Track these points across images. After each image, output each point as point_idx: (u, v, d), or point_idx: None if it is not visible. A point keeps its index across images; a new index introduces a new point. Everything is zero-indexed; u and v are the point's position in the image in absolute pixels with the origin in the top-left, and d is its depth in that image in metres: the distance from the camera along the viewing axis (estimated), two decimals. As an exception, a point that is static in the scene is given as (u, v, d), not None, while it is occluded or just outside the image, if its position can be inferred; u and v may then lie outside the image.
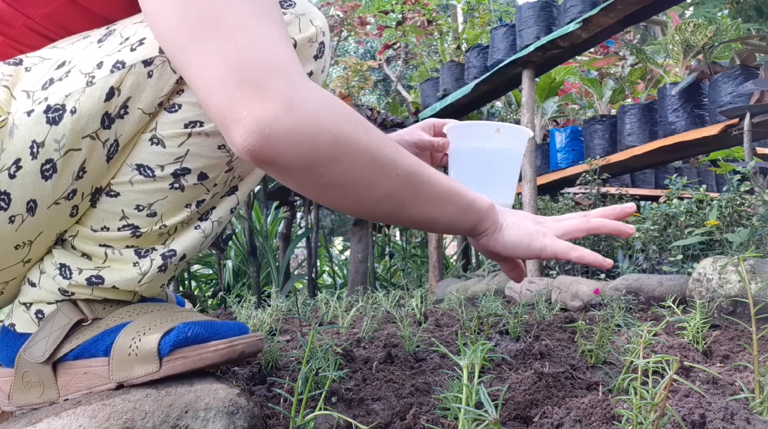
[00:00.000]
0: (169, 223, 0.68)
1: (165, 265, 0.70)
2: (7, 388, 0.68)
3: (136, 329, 0.67)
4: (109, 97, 0.62)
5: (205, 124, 0.64)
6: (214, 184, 0.69)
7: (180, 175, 0.66)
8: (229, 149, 0.66)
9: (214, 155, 0.67)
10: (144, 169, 0.65)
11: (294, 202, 3.77)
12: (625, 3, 2.23)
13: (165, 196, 0.67)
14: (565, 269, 2.54)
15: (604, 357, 1.06)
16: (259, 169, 0.75)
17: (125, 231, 0.67)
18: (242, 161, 0.70)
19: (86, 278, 0.67)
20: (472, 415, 0.53)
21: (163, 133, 0.64)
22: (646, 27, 6.32)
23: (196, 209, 0.70)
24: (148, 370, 0.65)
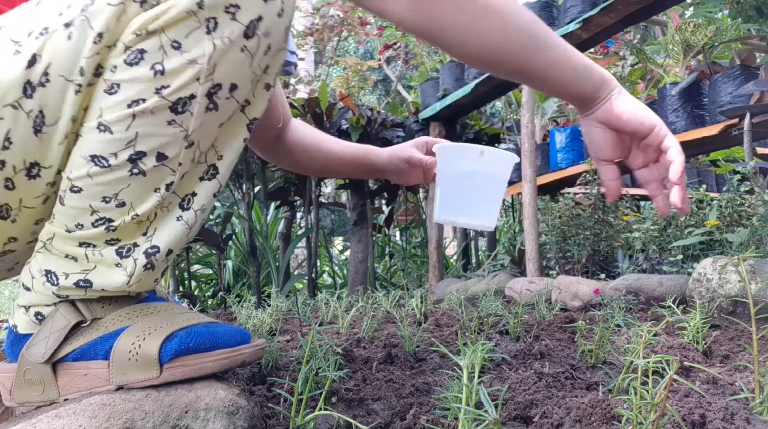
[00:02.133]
0: (141, 212, 0.66)
1: (150, 263, 0.68)
2: (8, 384, 0.68)
3: (136, 333, 0.66)
4: (31, 64, 0.60)
5: (148, 100, 0.61)
6: (178, 164, 0.66)
7: (136, 160, 0.63)
8: (182, 122, 0.63)
9: (165, 133, 0.63)
10: (98, 159, 0.63)
11: (294, 202, 3.77)
12: (625, 3, 2.23)
13: (128, 184, 0.64)
14: (565, 269, 2.54)
15: (604, 357, 1.06)
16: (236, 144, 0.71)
17: (99, 226, 0.65)
18: (206, 133, 0.66)
19: (74, 282, 0.66)
20: (472, 415, 0.53)
21: (108, 119, 0.62)
22: (646, 27, 6.32)
23: (167, 193, 0.67)
24: (147, 376, 0.65)
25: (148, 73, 0.61)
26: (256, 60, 0.66)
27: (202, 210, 0.71)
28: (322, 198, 4.37)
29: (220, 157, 0.70)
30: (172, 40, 0.61)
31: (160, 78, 0.61)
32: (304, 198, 3.53)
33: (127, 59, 0.61)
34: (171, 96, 0.62)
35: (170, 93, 0.62)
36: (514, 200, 4.32)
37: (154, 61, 0.61)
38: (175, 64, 0.61)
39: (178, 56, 0.61)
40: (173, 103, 0.62)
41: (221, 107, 0.66)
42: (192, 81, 0.62)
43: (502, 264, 3.03)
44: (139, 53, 0.61)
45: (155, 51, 0.61)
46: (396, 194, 3.85)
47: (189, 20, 0.61)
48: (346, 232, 5.80)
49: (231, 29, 0.63)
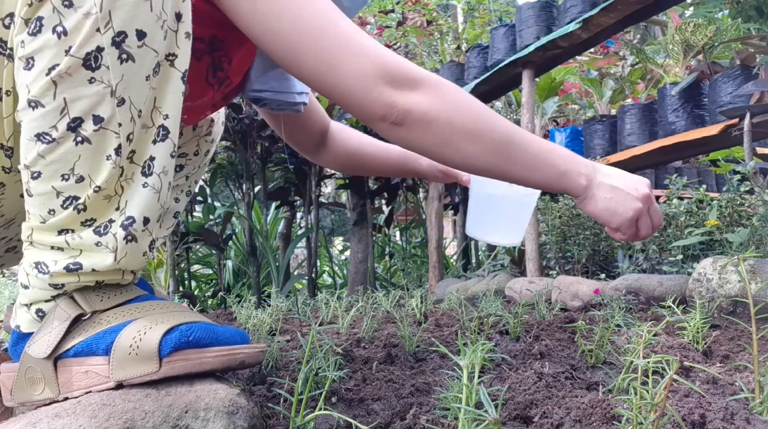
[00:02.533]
0: (100, 182, 0.66)
1: (130, 235, 0.69)
2: (9, 384, 0.68)
3: (137, 328, 0.67)
4: None
5: (61, 63, 0.62)
6: (118, 125, 0.66)
7: (76, 128, 0.64)
8: (101, 78, 0.64)
9: (90, 92, 0.64)
10: (42, 136, 0.64)
11: (294, 202, 3.77)
12: (625, 3, 2.23)
13: (78, 155, 0.65)
14: (565, 269, 2.54)
15: (604, 357, 1.06)
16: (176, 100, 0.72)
17: (69, 207, 0.66)
18: (134, 88, 0.67)
19: (63, 267, 0.67)
20: (472, 415, 0.53)
21: (34, 93, 0.63)
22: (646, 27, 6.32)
23: (119, 158, 0.67)
24: (147, 370, 0.65)
25: (52, 37, 0.62)
26: (157, 3, 0.66)
27: (165, 172, 0.72)
28: (322, 198, 4.37)
29: (166, 117, 0.71)
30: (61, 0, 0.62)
31: (64, 39, 0.62)
32: (304, 198, 3.53)
33: (29, 31, 0.63)
34: (79, 53, 0.63)
35: (77, 50, 0.63)
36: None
37: (54, 24, 0.62)
38: (73, 22, 0.62)
39: (73, 13, 0.62)
40: (84, 59, 0.63)
41: (136, 57, 0.66)
42: (93, 33, 0.63)
43: (502, 264, 3.03)
44: (38, 21, 0.62)
45: (51, 14, 0.62)
46: (396, 194, 3.85)
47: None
48: (346, 232, 5.80)
49: None
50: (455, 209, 4.13)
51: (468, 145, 0.80)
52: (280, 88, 0.98)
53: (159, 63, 0.68)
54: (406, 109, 0.78)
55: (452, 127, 0.79)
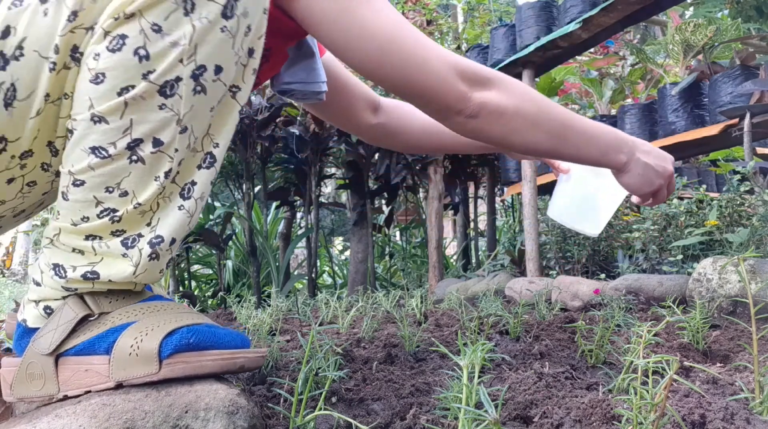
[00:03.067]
0: (142, 200, 0.67)
1: (155, 253, 0.69)
2: (10, 379, 0.68)
3: (139, 329, 0.67)
4: (5, 35, 0.60)
5: (137, 86, 0.62)
6: (174, 150, 0.67)
7: (134, 147, 0.64)
8: (172, 106, 0.64)
9: (157, 118, 0.64)
10: (98, 150, 0.64)
11: (294, 202, 3.77)
12: (625, 3, 2.23)
13: (129, 173, 0.65)
14: (565, 269, 2.54)
15: (604, 357, 1.06)
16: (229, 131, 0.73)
17: (104, 217, 0.66)
18: (198, 118, 0.68)
19: (81, 274, 0.67)
20: (472, 415, 0.53)
21: (100, 109, 0.62)
22: (646, 27, 6.32)
23: (166, 180, 0.68)
24: (147, 371, 0.65)
25: (132, 58, 0.62)
26: (238, 41, 0.67)
27: (201, 198, 0.72)
28: (322, 198, 4.37)
29: (216, 145, 0.71)
30: (151, 23, 0.61)
31: (145, 63, 0.62)
32: (304, 198, 3.52)
33: (109, 46, 0.61)
34: (158, 80, 0.63)
35: (157, 77, 0.63)
36: (514, 200, 4.32)
37: (137, 46, 0.61)
38: (158, 48, 0.62)
39: (160, 39, 0.62)
40: (161, 86, 0.63)
41: (209, 90, 0.67)
42: (176, 63, 0.63)
43: (502, 264, 3.03)
44: (120, 39, 0.61)
45: (136, 35, 0.61)
46: (396, 194, 3.85)
47: (166, 2, 0.62)
48: (346, 232, 5.80)
49: (209, 9, 0.64)
50: (455, 209, 4.13)
51: (533, 131, 0.89)
52: (308, 78, 0.99)
53: (224, 94, 0.69)
54: (481, 102, 0.84)
55: (519, 116, 0.87)
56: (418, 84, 0.82)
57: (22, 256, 10.39)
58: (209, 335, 0.69)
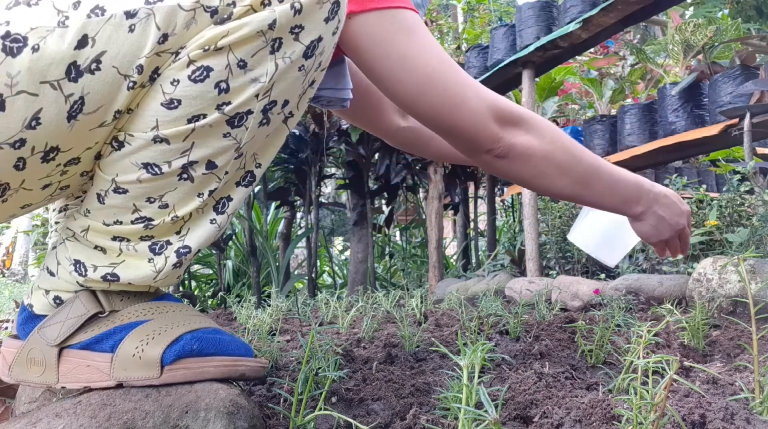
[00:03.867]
0: (181, 213, 0.66)
1: (180, 262, 0.69)
2: (10, 359, 0.68)
3: (146, 332, 0.67)
4: (81, 45, 0.56)
5: (208, 115, 0.62)
6: (225, 172, 0.67)
7: (188, 167, 0.64)
8: (236, 135, 0.65)
9: (219, 144, 0.64)
10: (151, 166, 0.63)
11: (294, 202, 3.77)
12: (625, 3, 2.23)
13: (175, 188, 0.65)
14: (565, 269, 2.54)
15: (604, 357, 1.06)
16: (273, 153, 0.73)
17: (138, 224, 0.66)
18: (253, 145, 0.68)
19: (101, 276, 0.67)
20: (472, 415, 0.53)
21: (166, 132, 0.61)
22: (646, 27, 6.32)
23: (209, 197, 0.68)
24: (148, 375, 0.65)
25: (212, 91, 0.61)
26: (309, 77, 0.68)
27: (233, 214, 0.72)
28: (322, 198, 4.37)
29: (258, 165, 0.72)
30: (238, 59, 0.61)
31: (223, 95, 0.62)
32: (304, 198, 3.52)
33: (191, 75, 0.60)
34: (231, 112, 0.63)
35: (231, 110, 0.63)
36: (514, 200, 4.32)
37: (219, 80, 0.61)
38: (239, 83, 0.62)
39: (242, 75, 0.62)
40: (231, 117, 0.63)
41: (272, 120, 0.67)
42: (252, 98, 0.63)
43: (502, 264, 3.03)
44: (205, 71, 0.60)
45: (221, 69, 0.61)
46: (396, 194, 3.85)
47: (257, 40, 0.61)
48: (346, 232, 5.80)
49: (293, 49, 0.64)
50: (455, 209, 4.13)
51: (559, 177, 0.89)
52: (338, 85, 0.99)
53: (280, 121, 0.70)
54: (510, 144, 0.85)
55: (548, 161, 0.88)
56: (452, 121, 0.82)
57: (22, 256, 10.39)
58: (213, 343, 0.69)
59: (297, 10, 0.62)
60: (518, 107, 0.87)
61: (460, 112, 0.82)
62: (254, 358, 0.73)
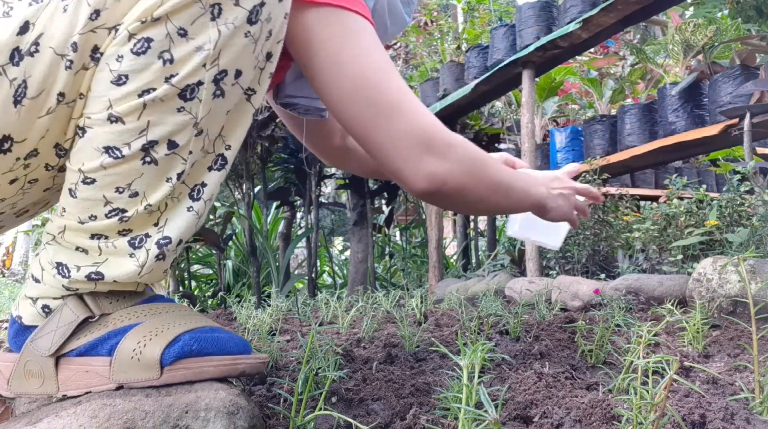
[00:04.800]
0: (153, 201, 0.66)
1: (162, 253, 0.68)
2: (7, 374, 0.68)
3: (142, 333, 0.67)
4: (23, 31, 0.59)
5: (158, 88, 0.62)
6: (189, 152, 0.66)
7: (149, 149, 0.64)
8: (190, 109, 0.64)
9: (175, 120, 0.64)
10: (111, 150, 0.63)
11: (294, 202, 3.77)
12: (625, 3, 2.23)
13: (141, 173, 0.65)
14: (565, 269, 2.54)
15: (604, 357, 1.06)
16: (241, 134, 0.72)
17: (113, 217, 0.65)
18: (214, 120, 0.67)
19: (85, 275, 0.67)
20: (472, 415, 0.53)
21: (119, 110, 0.62)
22: (646, 27, 6.32)
23: (179, 183, 0.67)
24: (148, 376, 0.65)
25: (156, 61, 0.61)
26: (259, 46, 0.67)
27: (210, 199, 0.72)
28: (322, 198, 4.37)
29: (228, 147, 0.71)
30: (177, 27, 0.61)
31: (169, 67, 0.62)
32: (304, 198, 3.52)
33: (133, 49, 0.61)
34: (180, 83, 0.62)
35: (179, 81, 0.62)
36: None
37: (162, 50, 0.61)
38: (183, 52, 0.62)
39: (185, 44, 0.62)
40: (182, 90, 0.63)
41: (228, 94, 0.67)
42: (199, 68, 0.63)
43: (502, 264, 3.03)
44: (146, 42, 0.61)
45: (162, 39, 0.61)
46: (396, 194, 3.85)
47: (194, 6, 0.61)
48: (346, 232, 5.80)
49: (235, 15, 0.63)
50: (455, 209, 4.13)
51: (487, 199, 0.89)
52: (313, 94, 0.98)
53: (241, 97, 0.69)
54: (441, 180, 0.80)
55: (476, 193, 0.86)
56: (376, 143, 0.78)
57: (22, 256, 10.39)
58: (211, 341, 0.69)
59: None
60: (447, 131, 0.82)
61: (383, 130, 0.76)
62: (253, 354, 0.73)
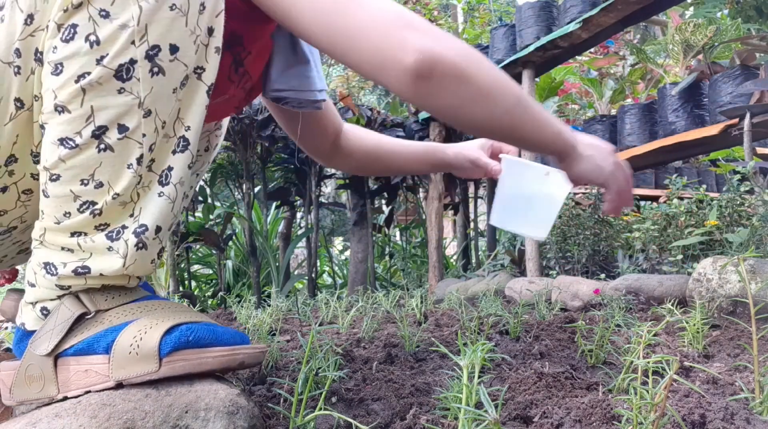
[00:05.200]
0: (119, 190, 0.67)
1: (141, 242, 0.69)
2: (9, 382, 0.68)
3: (138, 328, 0.67)
4: None
5: (92, 72, 0.63)
6: (142, 135, 0.67)
7: (100, 135, 0.65)
8: (131, 89, 0.65)
9: (118, 102, 0.65)
10: (65, 141, 0.64)
11: (294, 202, 3.77)
12: (625, 3, 2.23)
13: (100, 162, 0.66)
14: (565, 269, 2.54)
15: (604, 357, 1.06)
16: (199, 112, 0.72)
17: (85, 211, 0.66)
18: (161, 100, 0.68)
19: (72, 270, 0.67)
20: (472, 415, 0.53)
21: (62, 98, 0.63)
22: (646, 27, 6.32)
23: (139, 167, 0.68)
24: (147, 370, 0.65)
25: (84, 45, 0.63)
26: (192, 19, 0.67)
27: (181, 183, 0.72)
28: (322, 198, 4.37)
29: (188, 128, 0.71)
30: (99, 9, 0.62)
31: (97, 48, 0.63)
32: (304, 198, 3.53)
33: (62, 37, 0.63)
34: (111, 63, 0.63)
35: (110, 60, 0.63)
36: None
37: (87, 33, 0.63)
38: (108, 32, 0.63)
39: (109, 24, 0.63)
40: (116, 70, 0.64)
41: (167, 70, 0.67)
42: (127, 45, 0.63)
43: (502, 264, 3.03)
44: (72, 28, 0.62)
45: (86, 23, 0.62)
46: (396, 194, 3.85)
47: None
48: (346, 232, 5.80)
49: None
50: (455, 209, 4.13)
51: (490, 104, 0.76)
52: (301, 86, 0.96)
53: (187, 76, 0.69)
54: (435, 54, 0.70)
55: (478, 81, 0.74)
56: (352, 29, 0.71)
57: (22, 256, 10.41)
58: (209, 332, 0.69)
59: None
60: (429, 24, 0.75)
61: (360, 15, 0.70)
62: (251, 345, 0.72)
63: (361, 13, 0.71)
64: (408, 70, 0.70)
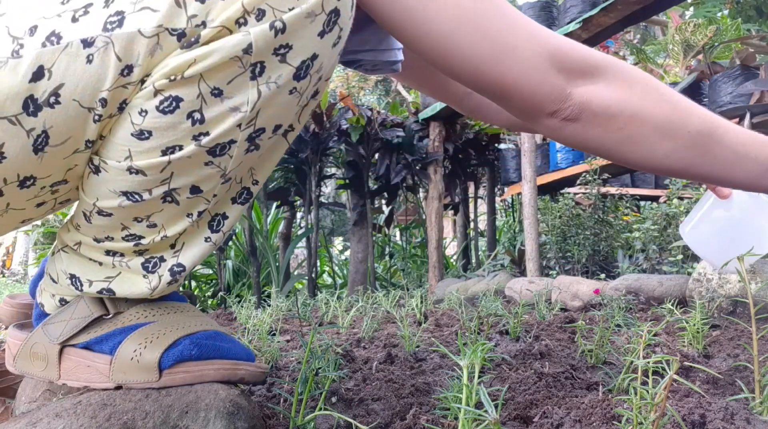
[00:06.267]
0: (170, 234, 0.64)
1: (174, 280, 0.67)
2: (15, 351, 0.69)
3: (144, 336, 0.67)
4: (37, 77, 0.52)
5: (185, 147, 0.56)
6: (213, 195, 0.63)
7: (171, 192, 0.60)
8: (219, 163, 0.59)
9: (202, 173, 0.59)
10: (130, 195, 0.59)
11: (294, 202, 3.77)
12: (625, 3, 2.23)
13: (161, 209, 0.62)
14: (565, 269, 2.54)
15: (604, 357, 1.06)
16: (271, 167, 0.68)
17: (129, 241, 0.64)
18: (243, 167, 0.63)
19: (97, 291, 0.67)
20: (472, 415, 0.53)
21: (140, 164, 0.56)
22: (646, 27, 6.32)
23: (198, 218, 0.64)
24: (146, 379, 0.65)
25: (185, 122, 0.55)
26: (305, 96, 0.60)
27: (228, 231, 0.69)
28: (322, 198, 4.37)
29: (255, 182, 0.68)
30: (212, 87, 0.54)
31: (198, 126, 0.56)
32: (304, 198, 3.52)
33: (159, 106, 0.54)
34: (210, 143, 0.57)
35: (209, 141, 0.57)
36: (514, 200, 4.32)
37: (191, 110, 0.55)
38: (216, 113, 0.55)
39: (219, 104, 0.55)
40: (211, 148, 0.57)
41: (262, 145, 0.62)
42: (233, 128, 0.57)
43: (502, 264, 3.03)
44: (174, 101, 0.54)
45: (193, 99, 0.54)
46: (396, 194, 3.85)
47: (233, 66, 0.54)
48: (346, 232, 5.80)
49: (279, 73, 0.56)
50: (455, 209, 4.13)
51: (659, 141, 0.68)
52: (380, 45, 0.82)
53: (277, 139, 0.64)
54: (583, 101, 0.66)
55: (639, 120, 0.67)
56: (496, 76, 0.64)
57: (22, 257, 10.39)
58: (212, 348, 0.69)
59: (279, 30, 0.53)
60: (592, 51, 0.68)
61: (506, 62, 0.63)
62: (255, 363, 0.73)
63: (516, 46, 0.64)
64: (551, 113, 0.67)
